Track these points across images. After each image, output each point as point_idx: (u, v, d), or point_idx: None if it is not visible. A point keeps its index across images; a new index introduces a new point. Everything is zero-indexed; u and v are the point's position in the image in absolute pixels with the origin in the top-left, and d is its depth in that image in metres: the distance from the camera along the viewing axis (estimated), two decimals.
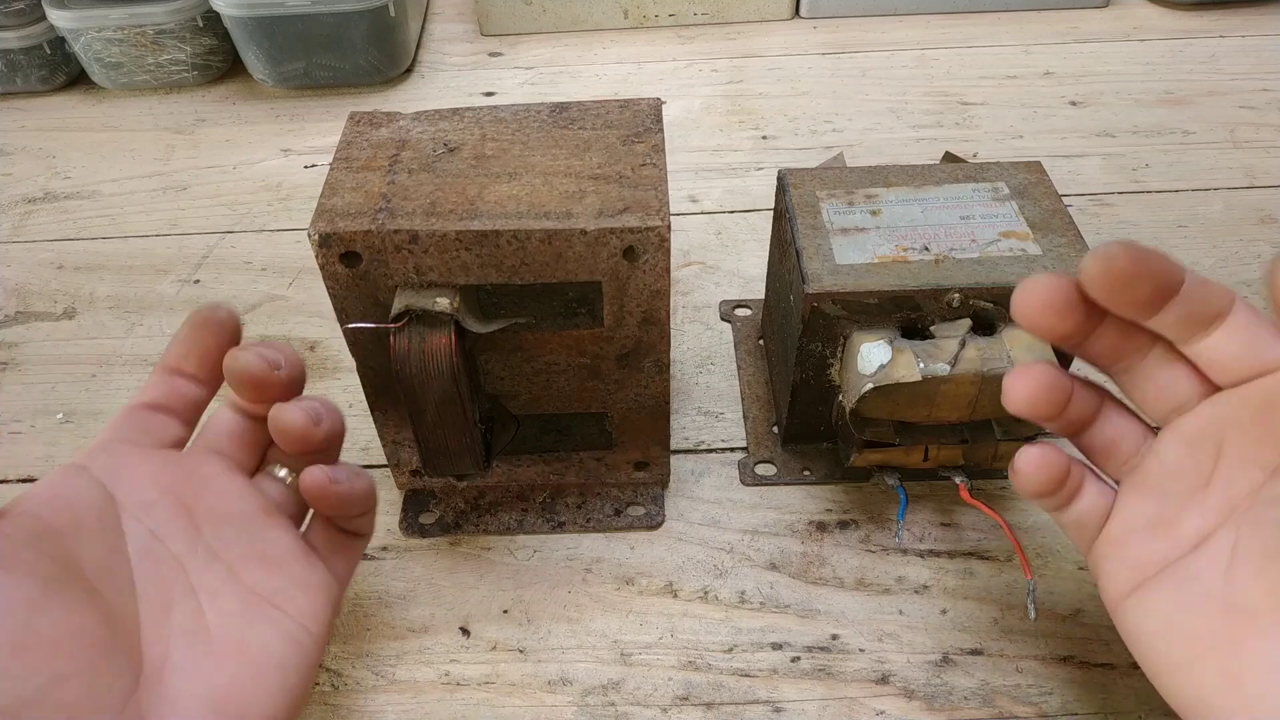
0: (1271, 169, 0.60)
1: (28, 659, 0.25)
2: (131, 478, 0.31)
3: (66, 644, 0.26)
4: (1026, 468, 0.30)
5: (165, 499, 0.31)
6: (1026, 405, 0.30)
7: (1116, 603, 0.30)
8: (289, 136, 0.67)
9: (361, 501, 0.33)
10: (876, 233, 0.38)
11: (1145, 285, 0.27)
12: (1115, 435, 0.31)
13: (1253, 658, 0.25)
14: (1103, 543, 0.30)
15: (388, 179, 0.33)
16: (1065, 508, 0.31)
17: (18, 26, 0.67)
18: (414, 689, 0.36)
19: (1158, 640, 0.28)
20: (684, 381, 0.48)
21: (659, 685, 0.36)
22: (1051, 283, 0.28)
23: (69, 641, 0.26)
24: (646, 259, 0.32)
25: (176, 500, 0.31)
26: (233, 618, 0.30)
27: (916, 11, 0.77)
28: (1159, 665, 0.28)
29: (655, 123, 0.36)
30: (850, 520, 0.41)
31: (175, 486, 0.31)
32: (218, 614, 0.30)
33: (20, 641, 0.25)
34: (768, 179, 0.61)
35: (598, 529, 0.41)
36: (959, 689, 0.35)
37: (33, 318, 0.53)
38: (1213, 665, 0.26)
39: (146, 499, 0.31)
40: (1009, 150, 0.62)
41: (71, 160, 0.66)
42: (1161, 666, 0.28)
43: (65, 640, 0.26)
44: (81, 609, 0.27)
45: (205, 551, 0.31)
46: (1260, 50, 0.71)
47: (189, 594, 0.30)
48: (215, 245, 0.58)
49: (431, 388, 0.32)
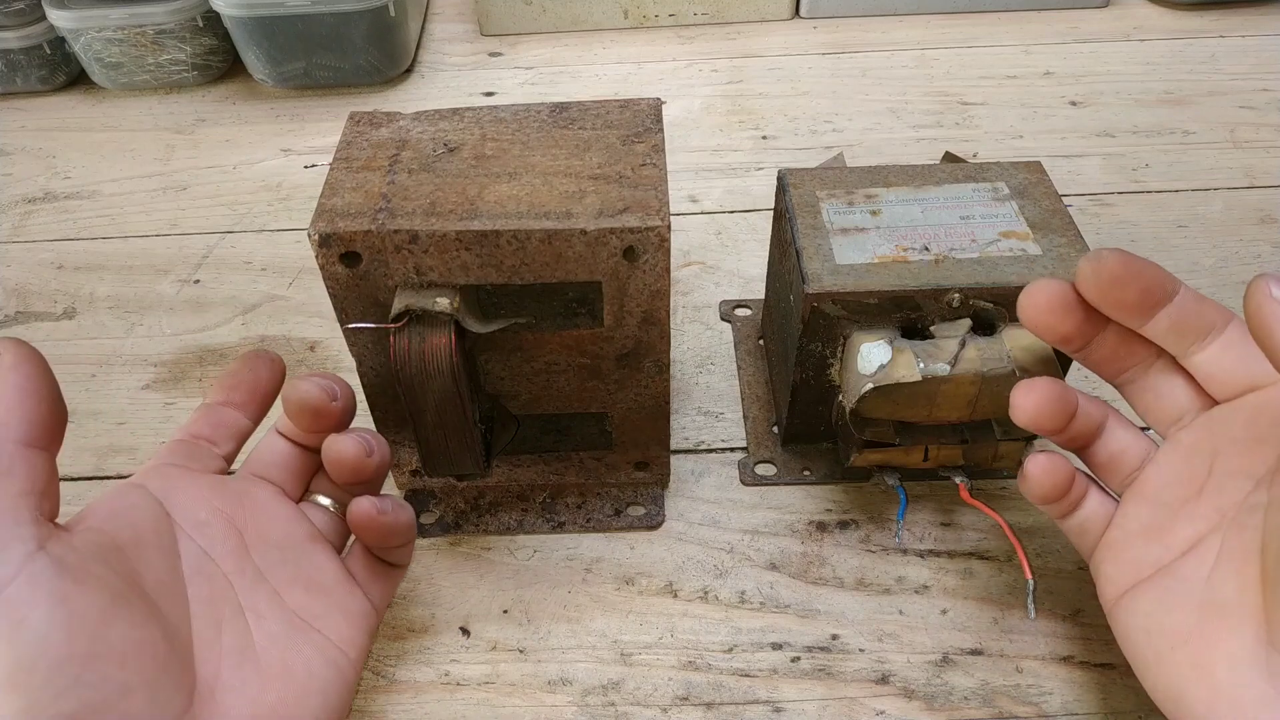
0: (1271, 169, 0.60)
1: (98, 668, 0.26)
2: (185, 498, 0.32)
3: (133, 656, 0.27)
4: (1035, 472, 0.32)
5: (217, 519, 0.32)
6: (1032, 418, 0.31)
7: (1112, 604, 0.31)
8: (289, 136, 0.67)
9: (405, 532, 0.34)
10: (876, 233, 0.38)
11: (1133, 288, 0.28)
12: (1118, 450, 0.32)
13: (1223, 650, 0.27)
14: (1102, 548, 0.31)
15: (388, 179, 0.33)
16: (1069, 515, 0.32)
17: (18, 26, 0.67)
18: (414, 689, 0.36)
19: (1140, 635, 0.29)
20: (684, 381, 0.48)
21: (659, 685, 0.36)
22: (1052, 285, 0.30)
23: (135, 654, 0.27)
24: (646, 259, 0.32)
25: (227, 521, 0.32)
26: (278, 639, 0.31)
27: (916, 11, 0.77)
28: (1141, 659, 0.29)
29: (655, 123, 0.36)
30: (850, 520, 0.41)
31: (226, 508, 0.32)
32: (264, 635, 0.31)
33: (92, 651, 0.26)
34: (768, 179, 0.61)
35: (598, 529, 0.41)
36: (959, 689, 0.35)
37: (33, 318, 0.53)
38: (1185, 657, 0.28)
39: (199, 518, 0.32)
40: (1009, 150, 0.62)
41: (71, 160, 0.66)
42: (1143, 660, 0.29)
43: (132, 652, 0.27)
44: (145, 623, 0.28)
45: (253, 573, 0.32)
46: (1260, 50, 0.72)
47: (238, 613, 0.31)
48: (215, 245, 0.58)
49: (431, 388, 0.32)
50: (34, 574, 0.25)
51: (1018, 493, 0.42)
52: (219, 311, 0.53)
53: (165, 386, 0.49)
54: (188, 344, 0.51)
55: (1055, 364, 0.35)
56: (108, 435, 0.46)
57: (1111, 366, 0.31)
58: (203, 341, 0.51)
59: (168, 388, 0.49)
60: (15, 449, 0.27)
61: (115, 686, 0.26)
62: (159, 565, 0.29)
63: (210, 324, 0.52)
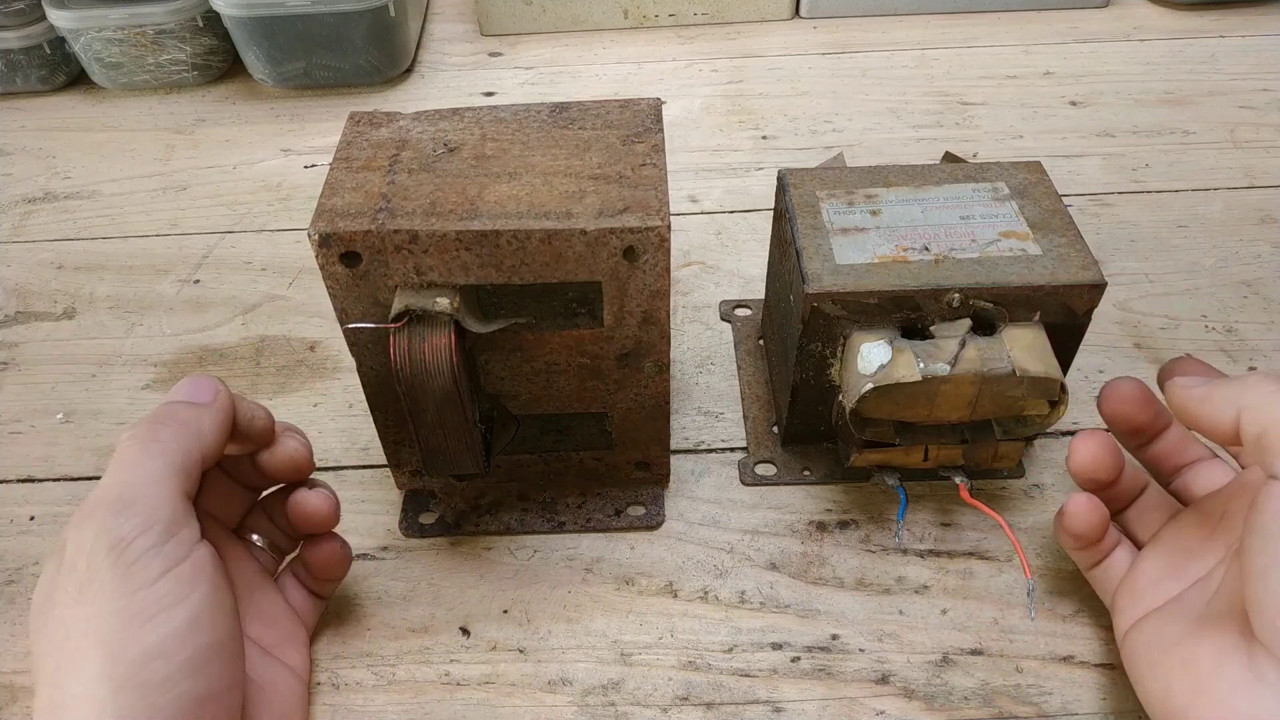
0: (1271, 169, 0.60)
1: (222, 660, 0.29)
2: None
3: (240, 655, 0.31)
4: (1075, 510, 0.34)
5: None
6: (1090, 465, 0.34)
7: (1123, 635, 0.33)
8: (289, 136, 0.67)
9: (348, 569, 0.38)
10: (876, 233, 0.38)
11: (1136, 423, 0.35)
12: (1150, 507, 0.35)
13: (1209, 644, 0.29)
14: (1122, 589, 0.34)
15: (388, 179, 0.33)
16: (1097, 565, 0.35)
17: (18, 26, 0.67)
18: (414, 689, 0.36)
19: (1142, 649, 0.31)
20: (684, 381, 0.48)
21: (659, 685, 0.36)
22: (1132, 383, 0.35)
23: (240, 654, 0.31)
24: (646, 259, 0.32)
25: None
26: (255, 665, 0.33)
27: (916, 11, 0.77)
28: (1138, 670, 0.31)
29: (655, 123, 0.36)
30: (850, 520, 0.41)
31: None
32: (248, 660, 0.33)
33: (221, 644, 0.29)
34: (768, 179, 0.61)
35: (598, 529, 0.41)
36: (959, 689, 0.35)
37: (33, 318, 0.53)
38: (1177, 655, 0.29)
39: None
40: (1009, 150, 0.62)
41: (71, 160, 0.66)
42: (1139, 671, 0.31)
43: (240, 652, 0.31)
44: (238, 627, 0.31)
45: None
46: (1260, 50, 0.72)
47: None
48: (215, 245, 0.58)
49: (431, 388, 0.32)
50: (199, 560, 0.29)
51: (1018, 493, 0.42)
52: (219, 311, 0.53)
53: (165, 386, 0.49)
54: (188, 344, 0.51)
55: (1056, 365, 0.35)
56: (108, 435, 0.46)
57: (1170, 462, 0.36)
58: (203, 341, 0.51)
59: (167, 388, 0.49)
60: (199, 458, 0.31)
61: (227, 681, 0.29)
62: None
63: (210, 324, 0.52)
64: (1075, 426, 0.44)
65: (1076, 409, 0.44)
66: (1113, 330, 0.49)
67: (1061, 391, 0.35)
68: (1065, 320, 0.36)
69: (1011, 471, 0.42)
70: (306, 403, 0.47)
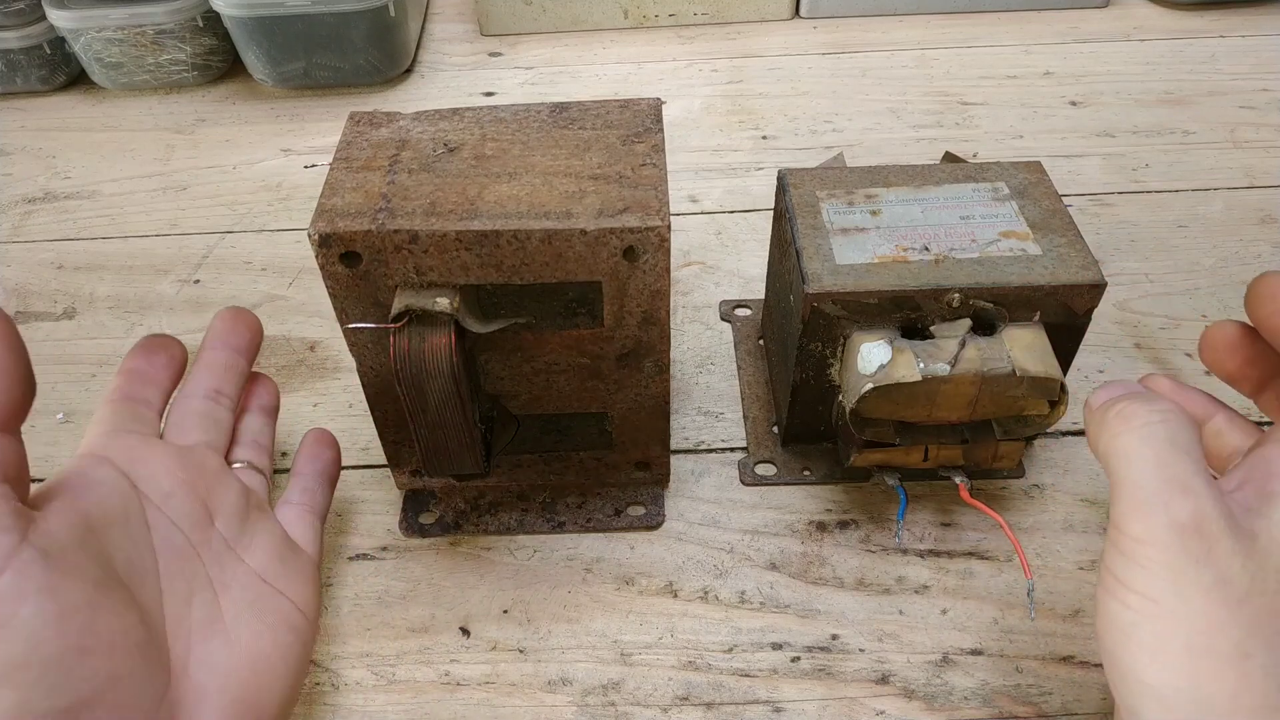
0: (1271, 169, 0.60)
1: (89, 661, 0.25)
2: (150, 469, 0.32)
3: (119, 645, 0.26)
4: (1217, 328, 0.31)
5: (181, 489, 0.32)
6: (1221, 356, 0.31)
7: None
8: (289, 136, 0.67)
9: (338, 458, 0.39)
10: (876, 233, 0.38)
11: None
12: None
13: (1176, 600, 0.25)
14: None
15: (388, 179, 0.33)
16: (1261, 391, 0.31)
17: (18, 26, 0.67)
18: (414, 689, 0.36)
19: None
20: (684, 381, 0.48)
21: (659, 685, 0.36)
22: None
23: (121, 642, 0.27)
24: (646, 259, 0.32)
25: (190, 490, 0.32)
26: (244, 608, 0.31)
27: (916, 11, 0.77)
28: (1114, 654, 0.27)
29: (655, 123, 0.36)
30: (850, 520, 0.41)
31: (188, 477, 0.32)
32: (231, 604, 0.31)
33: (81, 644, 0.25)
34: (768, 179, 0.61)
35: (598, 529, 0.41)
36: (959, 689, 0.35)
37: (33, 318, 0.53)
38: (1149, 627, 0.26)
39: (165, 490, 0.31)
40: (1009, 150, 0.62)
41: (71, 160, 0.66)
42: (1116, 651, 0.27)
43: (119, 641, 0.26)
44: (126, 608, 0.27)
45: (219, 542, 0.32)
46: (1260, 50, 0.72)
47: (206, 586, 0.31)
48: (215, 245, 0.58)
49: (431, 388, 0.32)
50: (20, 568, 0.25)
51: (1018, 493, 0.42)
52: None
53: None
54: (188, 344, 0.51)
55: (1056, 365, 0.35)
56: None
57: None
58: None
59: None
60: None
61: (105, 678, 0.26)
62: (130, 543, 0.29)
63: None
64: (1075, 426, 0.44)
65: (1076, 409, 0.44)
66: (1113, 330, 0.49)
67: (1061, 391, 0.35)
68: (1065, 320, 0.36)
69: (1011, 471, 0.42)
70: (306, 403, 0.47)
